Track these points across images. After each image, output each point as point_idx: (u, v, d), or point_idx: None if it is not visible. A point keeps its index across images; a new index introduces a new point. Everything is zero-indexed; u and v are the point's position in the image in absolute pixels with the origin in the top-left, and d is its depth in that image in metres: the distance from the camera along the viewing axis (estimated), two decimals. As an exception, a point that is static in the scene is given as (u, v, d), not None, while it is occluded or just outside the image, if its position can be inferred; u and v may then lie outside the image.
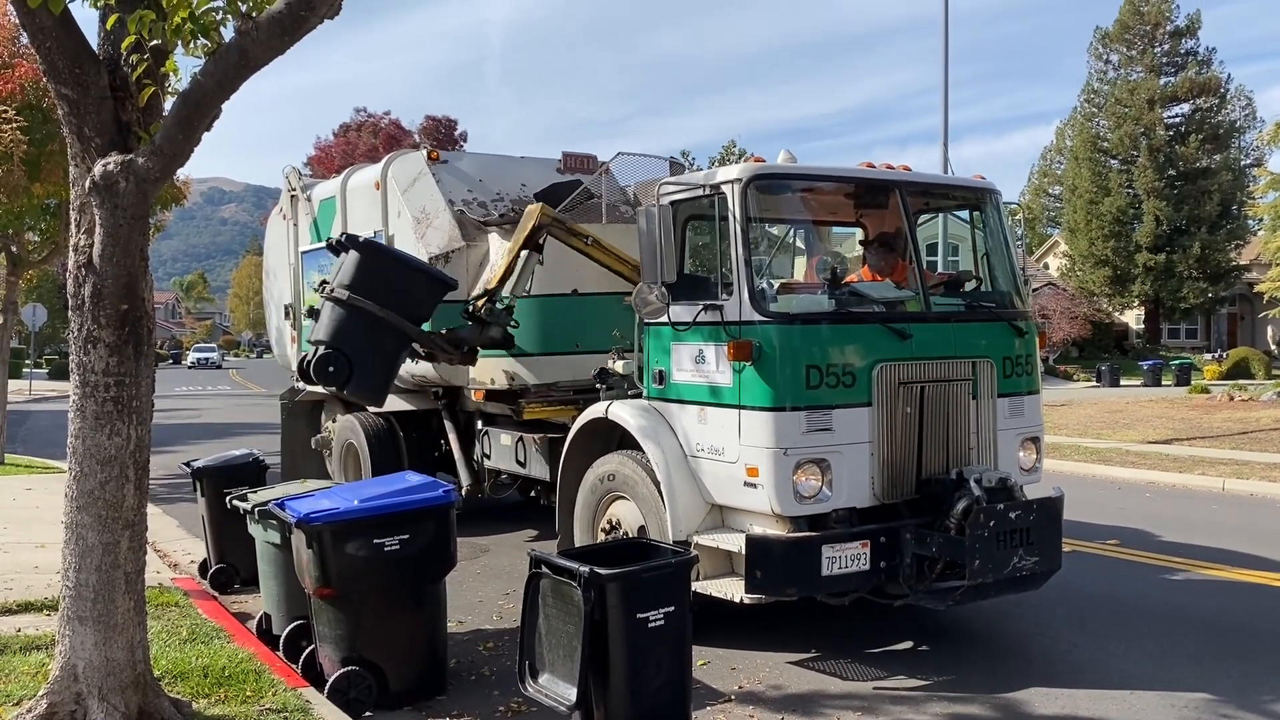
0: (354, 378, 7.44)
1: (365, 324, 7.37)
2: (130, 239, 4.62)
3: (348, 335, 7.35)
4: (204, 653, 6.00)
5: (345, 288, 7.37)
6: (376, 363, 7.55)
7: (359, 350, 7.39)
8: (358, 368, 7.40)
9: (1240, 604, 7.66)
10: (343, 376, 7.38)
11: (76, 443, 4.71)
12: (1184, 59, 46.40)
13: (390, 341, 7.54)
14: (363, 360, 7.41)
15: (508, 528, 10.50)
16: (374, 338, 7.43)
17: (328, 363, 7.30)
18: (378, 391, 7.90)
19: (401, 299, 7.54)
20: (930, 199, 7.56)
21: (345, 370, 7.36)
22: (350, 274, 7.44)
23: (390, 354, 7.65)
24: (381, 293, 7.41)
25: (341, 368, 7.33)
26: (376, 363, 7.55)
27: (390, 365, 7.77)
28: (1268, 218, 29.87)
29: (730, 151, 56.86)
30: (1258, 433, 17.86)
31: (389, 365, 7.74)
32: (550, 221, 7.98)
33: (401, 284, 7.62)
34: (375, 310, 7.35)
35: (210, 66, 4.39)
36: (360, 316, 7.35)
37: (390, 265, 7.74)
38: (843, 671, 6.23)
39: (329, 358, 7.30)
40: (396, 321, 7.46)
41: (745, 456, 6.09)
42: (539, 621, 5.08)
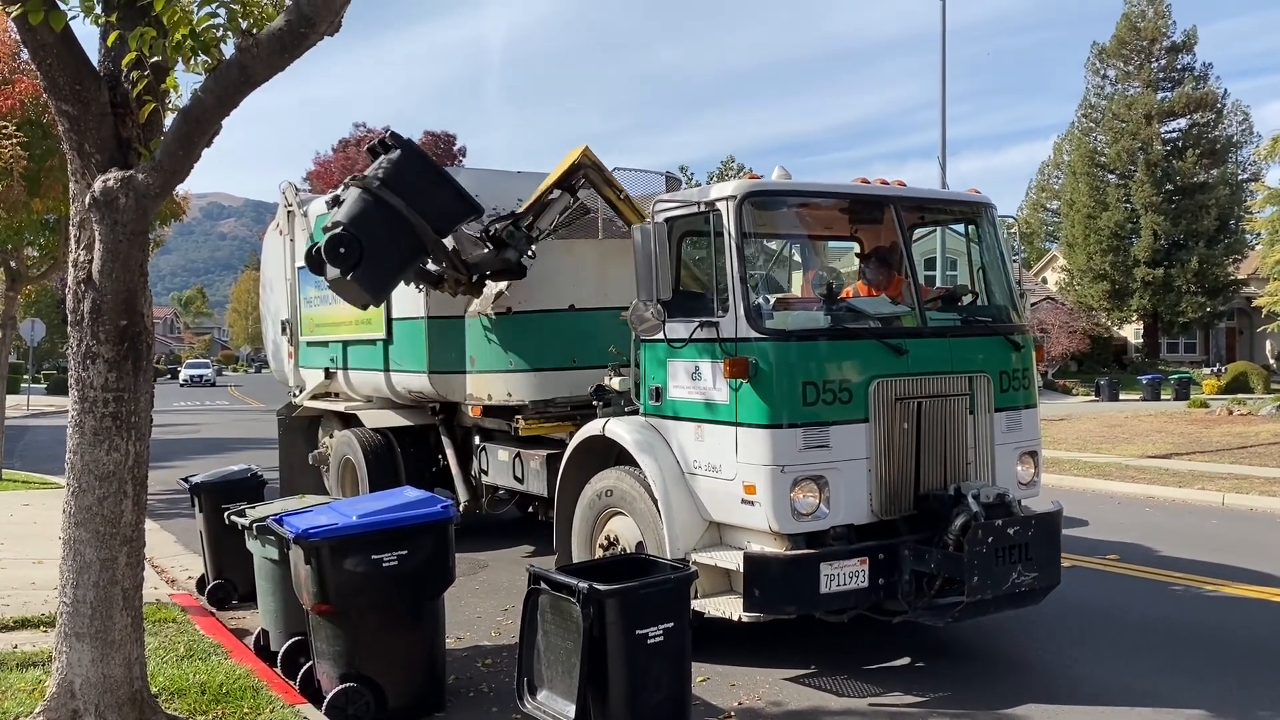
0: (362, 266, 7.28)
1: (388, 218, 7.27)
2: (130, 255, 4.63)
3: (367, 223, 7.25)
4: (201, 669, 5.98)
5: (378, 179, 7.30)
6: (388, 259, 7.46)
7: (375, 241, 7.27)
8: (369, 257, 7.27)
9: (1240, 619, 7.65)
10: (351, 261, 7.22)
11: (75, 458, 4.71)
12: (1181, 74, 46.59)
13: (407, 243, 7.46)
14: (376, 252, 7.30)
15: (506, 543, 10.48)
16: (393, 234, 7.34)
17: (340, 244, 7.18)
18: (379, 288, 7.76)
19: (429, 207, 7.44)
20: (925, 214, 7.58)
21: (356, 256, 7.21)
22: (385, 169, 7.34)
23: (404, 255, 7.58)
24: (411, 195, 7.33)
25: (353, 252, 7.20)
26: (388, 259, 7.46)
27: (400, 266, 7.71)
28: (1265, 232, 29.92)
29: (728, 167, 57.04)
30: (1257, 447, 17.85)
31: (399, 266, 7.68)
32: (590, 164, 7.98)
33: (433, 194, 7.53)
34: (401, 207, 7.26)
35: (211, 83, 4.42)
36: (384, 209, 7.26)
37: (427, 173, 7.64)
38: (841, 688, 6.21)
39: (343, 239, 7.18)
40: (419, 225, 7.38)
41: (742, 474, 6.09)
42: (538, 638, 5.07)
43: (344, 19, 4.37)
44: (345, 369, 10.86)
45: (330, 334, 11.13)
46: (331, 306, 10.99)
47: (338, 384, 11.12)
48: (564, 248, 8.75)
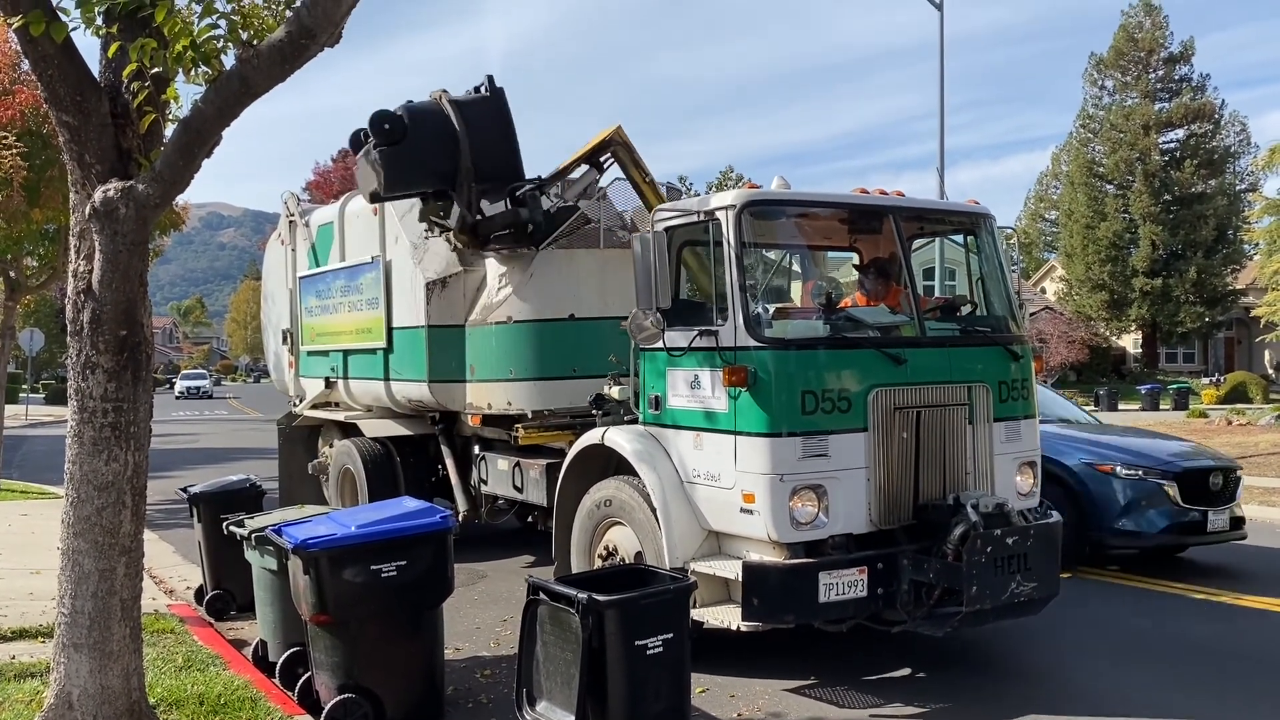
0: (399, 148, 7.75)
1: (443, 130, 7.82)
2: (130, 265, 4.64)
3: (423, 122, 7.82)
4: (199, 680, 5.97)
5: (455, 102, 7.89)
6: (419, 162, 7.95)
7: (419, 137, 7.80)
8: (405, 146, 7.75)
9: (1240, 629, 7.64)
10: (390, 139, 7.68)
11: (74, 468, 4.71)
12: (1178, 85, 46.75)
13: (444, 162, 7.94)
14: (414, 147, 7.79)
15: (505, 553, 10.47)
16: (438, 145, 7.85)
17: (388, 120, 7.65)
18: (393, 182, 8.07)
19: (482, 148, 8.00)
20: (924, 224, 7.59)
21: (396, 136, 7.70)
22: (468, 98, 7.96)
23: (434, 169, 8.04)
24: (476, 127, 7.87)
25: (395, 132, 7.67)
26: (419, 162, 7.95)
27: (425, 176, 8.15)
28: (1263, 242, 30.01)
29: (727, 177, 57.17)
30: (1256, 457, 17.85)
31: (424, 174, 8.13)
32: (620, 143, 8.18)
33: (493, 142, 8.09)
34: (460, 129, 7.76)
35: (211, 94, 4.43)
36: (445, 123, 7.79)
37: (500, 123, 8.20)
38: (841, 699, 6.20)
39: (394, 119, 7.66)
40: (465, 153, 7.86)
41: (741, 483, 6.09)
42: (537, 648, 5.06)
43: (344, 30, 4.38)
44: (345, 378, 10.87)
45: (331, 343, 11.15)
46: (332, 316, 11.02)
47: (338, 393, 11.13)
48: (564, 257, 8.77)
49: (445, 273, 9.22)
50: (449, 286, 9.19)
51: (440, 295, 9.17)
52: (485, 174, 8.03)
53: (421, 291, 9.19)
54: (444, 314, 9.16)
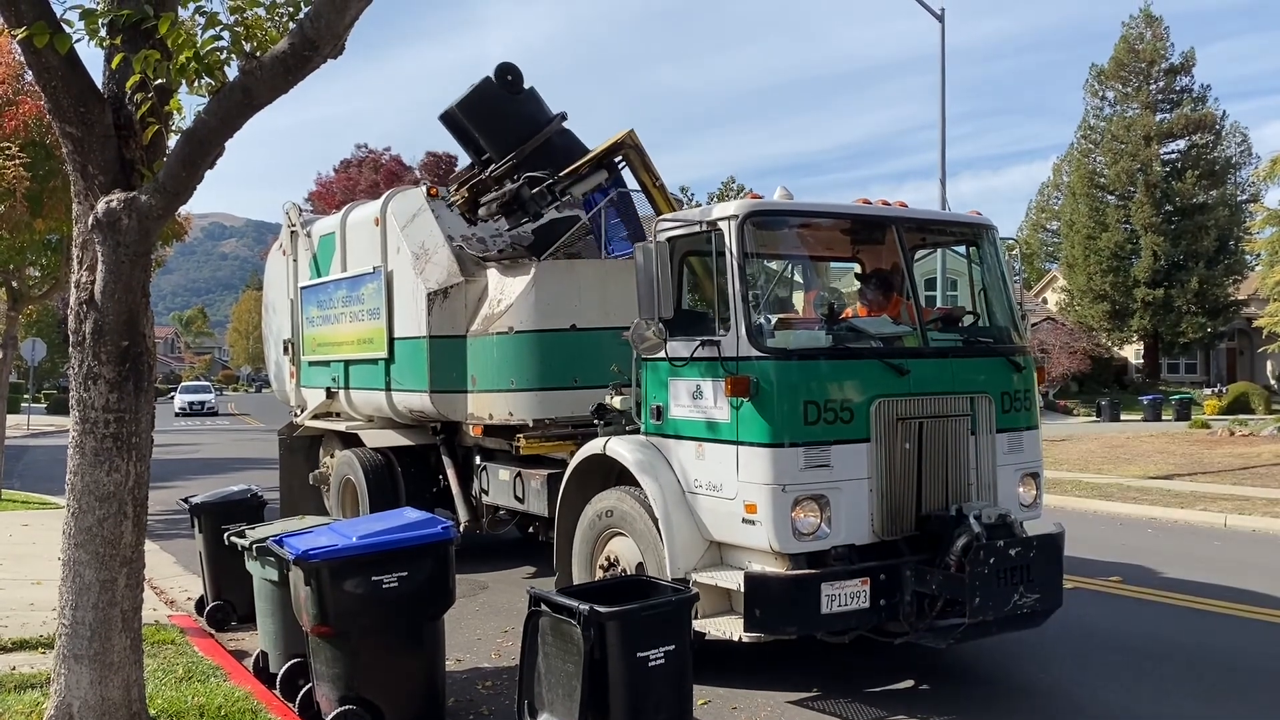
0: (503, 96, 8.79)
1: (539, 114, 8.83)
2: (132, 276, 4.64)
3: (532, 97, 8.83)
4: (200, 691, 5.95)
5: (561, 115, 8.83)
6: (498, 113, 8.82)
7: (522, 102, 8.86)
8: (510, 99, 8.81)
9: (1243, 641, 7.61)
10: (510, 87, 8.70)
11: (75, 479, 4.71)
12: (1179, 95, 46.79)
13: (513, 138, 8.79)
14: (511, 105, 8.80)
15: (506, 564, 10.45)
16: (523, 123, 8.74)
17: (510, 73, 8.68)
18: (475, 110, 8.91)
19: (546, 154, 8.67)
20: (927, 235, 7.60)
21: (516, 86, 8.74)
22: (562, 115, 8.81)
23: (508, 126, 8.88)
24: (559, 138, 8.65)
25: (517, 83, 8.70)
26: (498, 113, 8.82)
27: (498, 128, 9.01)
28: (1265, 253, 30.00)
29: (729, 187, 57.21)
30: (1259, 468, 17.82)
31: (498, 124, 8.98)
32: (632, 146, 8.42)
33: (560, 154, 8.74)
34: (548, 130, 8.66)
35: (214, 105, 4.44)
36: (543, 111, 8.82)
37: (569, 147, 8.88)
38: (844, 711, 6.17)
39: (517, 74, 8.65)
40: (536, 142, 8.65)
41: (743, 493, 6.07)
42: (538, 660, 5.04)
43: (346, 42, 4.39)
44: (347, 388, 10.87)
45: (332, 354, 11.15)
46: (334, 326, 11.02)
47: (339, 403, 11.12)
48: (566, 267, 8.77)
49: (447, 283, 9.23)
50: (450, 297, 9.20)
51: (441, 305, 9.17)
52: (527, 169, 8.64)
53: (423, 302, 9.20)
54: (445, 324, 9.16)
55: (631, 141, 8.38)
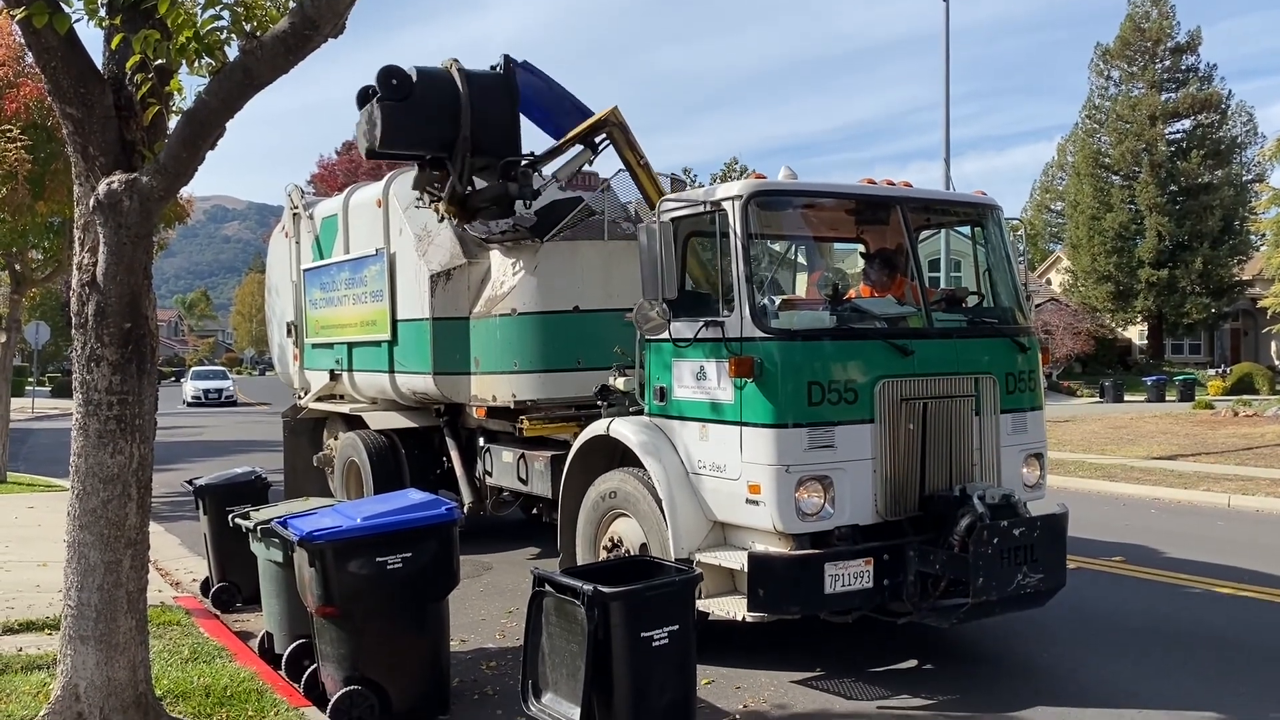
0: (397, 105, 7.69)
1: (448, 98, 7.77)
2: (134, 257, 4.63)
3: (431, 86, 7.78)
4: (206, 672, 5.98)
5: (465, 72, 7.84)
6: (418, 123, 7.87)
7: (423, 99, 7.74)
8: (412, 103, 7.72)
9: (1247, 621, 7.62)
10: (395, 94, 7.63)
11: (79, 461, 4.71)
12: (1185, 75, 46.54)
13: (444, 128, 7.87)
14: (416, 107, 7.75)
15: (510, 545, 10.48)
16: (441, 111, 7.80)
17: (396, 75, 7.60)
18: (391, 134, 7.91)
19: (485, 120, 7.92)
20: (931, 215, 7.56)
21: (402, 93, 7.65)
22: (480, 72, 7.94)
23: (432, 133, 7.97)
24: (481, 101, 7.81)
25: (403, 88, 7.62)
26: (418, 123, 7.87)
27: (423, 138, 8.07)
28: (1270, 233, 29.90)
29: (732, 168, 57.04)
30: (1263, 448, 17.81)
31: (422, 136, 8.05)
32: (616, 124, 8.17)
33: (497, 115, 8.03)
34: (464, 99, 7.73)
35: (215, 85, 4.42)
36: (452, 92, 7.75)
37: (507, 97, 8.14)
38: (847, 690, 6.19)
39: (401, 74, 7.61)
40: (466, 124, 7.81)
41: (747, 474, 6.07)
42: (542, 640, 5.06)
43: (347, 21, 4.37)
44: (350, 371, 10.88)
45: (335, 336, 11.15)
46: (337, 308, 11.02)
47: (343, 386, 11.13)
48: (569, 249, 8.75)
49: (449, 265, 9.22)
50: (453, 279, 9.19)
51: (445, 287, 9.16)
52: (483, 148, 8.02)
53: (426, 283, 9.19)
54: (448, 306, 9.15)
55: (615, 119, 8.12)
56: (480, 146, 7.97)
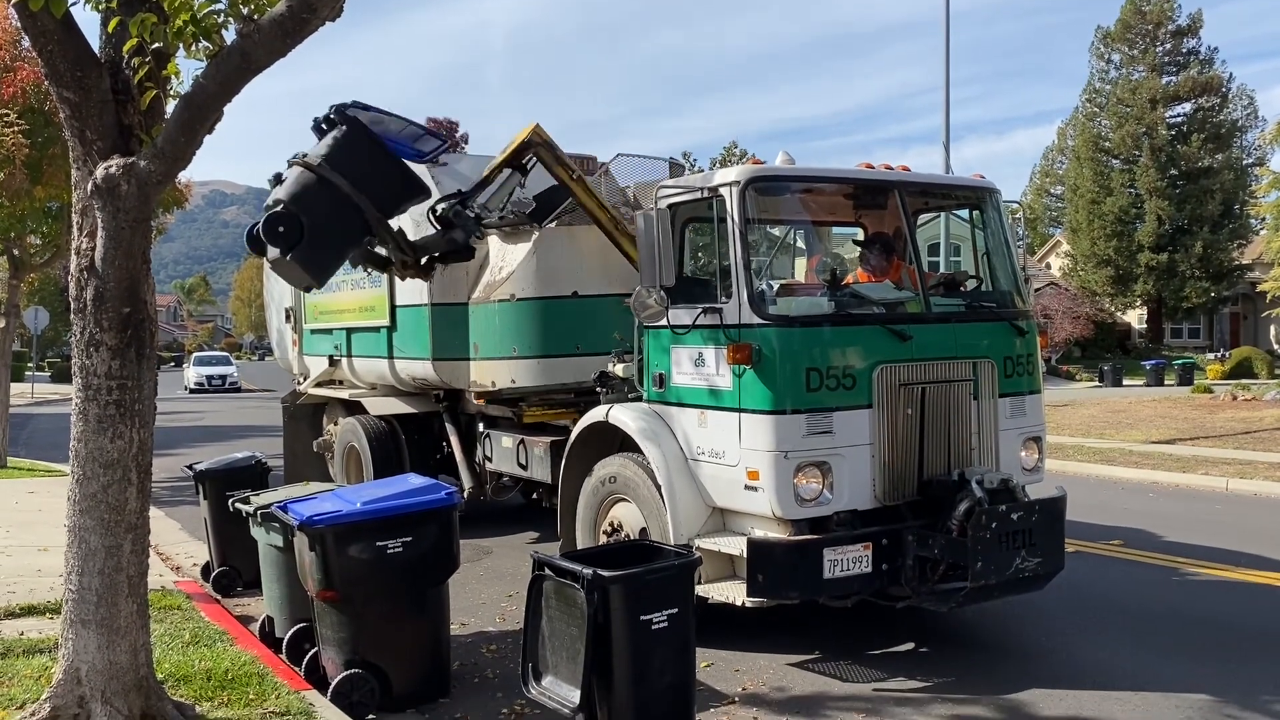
0: (302, 246, 6.89)
1: (331, 197, 6.94)
2: (132, 242, 4.63)
3: (310, 203, 6.88)
4: (207, 656, 6.00)
5: (321, 157, 6.98)
6: (331, 239, 7.12)
7: (317, 220, 6.87)
8: (310, 237, 6.90)
9: (1245, 604, 7.65)
10: (291, 240, 6.83)
11: (79, 446, 4.72)
12: (1186, 58, 46.38)
13: (351, 224, 7.13)
14: (318, 232, 6.92)
15: (510, 530, 10.50)
16: (336, 213, 7.00)
17: (280, 222, 6.79)
18: (321, 270, 7.40)
19: (374, 187, 7.12)
20: (930, 199, 7.55)
21: (296, 235, 6.82)
22: (329, 146, 7.06)
23: (348, 236, 7.26)
24: (357, 173, 7.01)
25: (292, 232, 6.80)
26: (331, 239, 7.12)
27: (344, 247, 7.41)
28: (1270, 217, 29.86)
29: (731, 152, 56.86)
30: (1261, 432, 17.83)
31: (342, 246, 7.38)
32: (540, 142, 7.88)
33: (379, 173, 7.21)
34: (345, 186, 6.94)
35: (212, 69, 4.40)
36: (327, 188, 6.92)
37: (374, 151, 7.29)
38: (845, 673, 6.22)
39: (283, 218, 6.79)
40: (364, 205, 7.06)
41: (746, 460, 6.09)
42: (542, 624, 5.08)
43: (345, 4, 4.35)
44: (349, 356, 10.88)
45: (334, 321, 11.14)
46: (335, 294, 11.00)
47: (342, 371, 11.13)
48: (567, 234, 8.74)
49: (447, 249, 9.19)
50: (450, 263, 9.17)
51: (443, 273, 9.15)
52: (391, 206, 7.44)
53: (423, 269, 9.17)
54: (447, 292, 9.14)
55: (539, 138, 7.85)
56: (388, 208, 7.41)
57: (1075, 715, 5.51)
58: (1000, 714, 5.57)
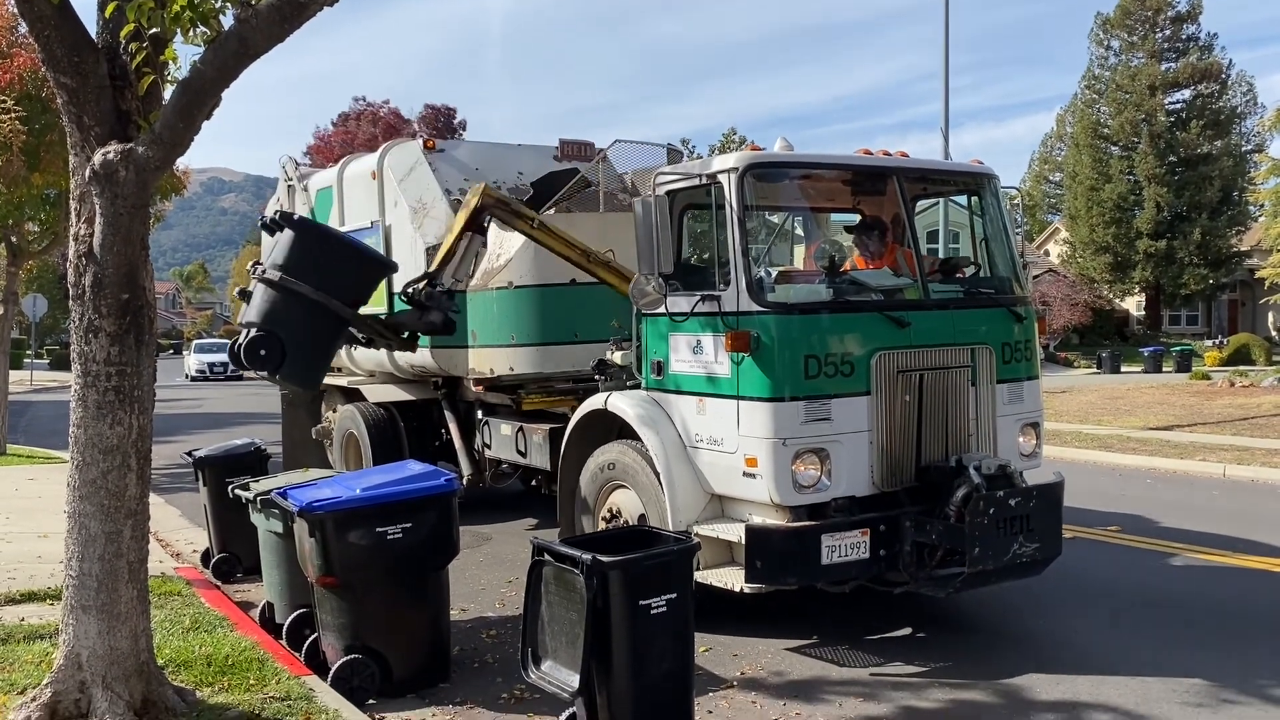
0: (286, 363, 6.92)
1: (300, 307, 6.92)
2: (131, 228, 4.62)
3: (281, 318, 6.88)
4: (207, 641, 6.02)
5: (278, 268, 6.93)
6: (311, 347, 7.10)
7: (292, 334, 6.88)
8: (291, 353, 6.87)
9: (1241, 589, 7.68)
10: (275, 362, 6.87)
11: (79, 432, 4.72)
12: (1185, 44, 46.24)
13: (326, 326, 7.12)
14: (296, 345, 6.91)
15: (509, 516, 10.52)
16: (309, 321, 6.97)
17: (259, 346, 6.80)
18: (311, 379, 7.56)
19: (339, 281, 7.11)
20: (928, 185, 7.55)
21: (278, 355, 6.85)
22: (285, 254, 7.01)
23: (326, 339, 7.25)
24: (317, 274, 6.97)
25: (274, 352, 6.82)
26: (311, 347, 7.10)
27: (326, 350, 7.42)
28: (1269, 203, 29.80)
29: (729, 139, 56.73)
30: (1259, 418, 17.86)
31: (324, 350, 7.38)
32: (493, 203, 7.87)
33: (339, 266, 7.20)
34: (310, 293, 6.90)
35: (210, 55, 4.39)
36: (294, 299, 6.90)
37: (327, 246, 7.32)
38: (843, 658, 6.25)
39: (260, 341, 6.81)
40: (333, 305, 7.03)
41: (744, 447, 6.10)
42: (541, 609, 5.09)
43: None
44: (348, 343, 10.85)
45: (332, 308, 11.10)
46: (333, 281, 10.97)
47: (341, 359, 11.12)
48: (565, 221, 8.72)
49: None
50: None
51: None
52: (361, 295, 7.41)
53: (421, 256, 9.16)
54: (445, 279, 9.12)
55: (490, 198, 7.82)
56: (359, 297, 7.38)
57: (1072, 699, 5.54)
58: (997, 698, 5.59)
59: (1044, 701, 5.54)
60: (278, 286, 6.88)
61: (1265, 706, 5.43)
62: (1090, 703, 5.50)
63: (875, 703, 5.54)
